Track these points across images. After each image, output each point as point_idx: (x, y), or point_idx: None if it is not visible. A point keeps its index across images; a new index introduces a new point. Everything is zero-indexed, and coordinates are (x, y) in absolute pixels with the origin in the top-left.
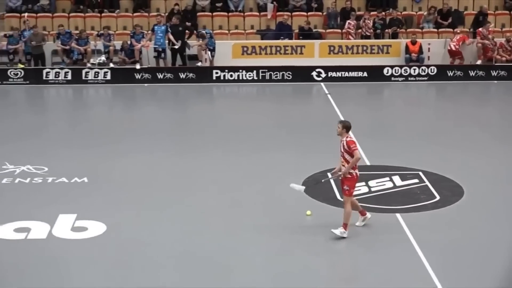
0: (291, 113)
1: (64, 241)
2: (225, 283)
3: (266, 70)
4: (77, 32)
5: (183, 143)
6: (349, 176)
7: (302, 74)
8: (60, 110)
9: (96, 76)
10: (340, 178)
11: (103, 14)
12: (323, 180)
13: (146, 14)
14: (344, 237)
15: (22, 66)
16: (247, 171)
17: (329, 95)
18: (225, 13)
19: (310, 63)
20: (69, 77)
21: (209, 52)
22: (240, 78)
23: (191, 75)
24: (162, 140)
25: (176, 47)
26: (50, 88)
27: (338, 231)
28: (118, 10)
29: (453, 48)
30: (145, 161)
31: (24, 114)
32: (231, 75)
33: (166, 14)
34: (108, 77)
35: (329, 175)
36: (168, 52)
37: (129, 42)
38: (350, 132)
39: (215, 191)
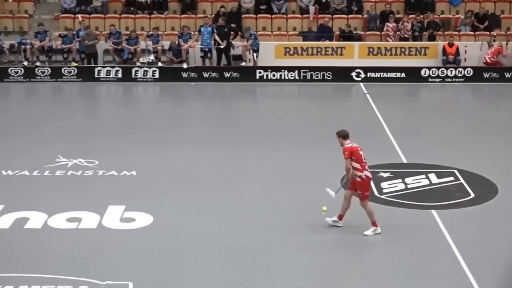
0: (330, 112)
1: (113, 231)
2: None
3: (307, 70)
4: (128, 32)
5: (226, 138)
6: (359, 179)
7: (342, 74)
8: (110, 107)
9: (145, 74)
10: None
11: (152, 16)
12: (337, 191)
13: (193, 15)
14: (378, 233)
15: (76, 64)
16: (286, 168)
17: (367, 95)
18: (269, 15)
19: (350, 64)
20: (120, 75)
21: (253, 53)
22: (282, 77)
23: (235, 74)
24: (206, 135)
25: (222, 47)
26: (101, 86)
27: (370, 231)
28: (166, 12)
29: (488, 61)
30: (190, 155)
31: (76, 110)
32: (274, 75)
33: (213, 15)
34: (157, 75)
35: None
36: (214, 52)
37: (176, 42)
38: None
39: (254, 186)
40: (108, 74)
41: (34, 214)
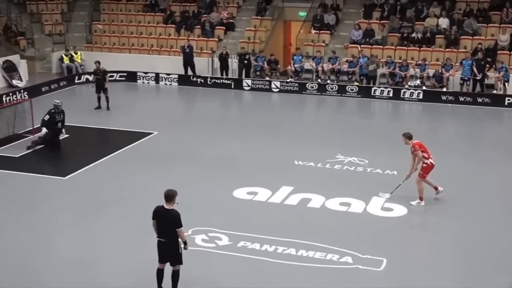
0: None
1: (375, 217)
2: None
3: None
4: (400, 61)
5: (468, 152)
6: (425, 165)
7: None
8: (378, 118)
9: (411, 95)
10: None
11: (421, 49)
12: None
13: (455, 50)
14: (422, 205)
15: (357, 84)
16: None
17: None
18: None
19: None
20: (391, 94)
21: (504, 83)
22: None
23: (487, 100)
24: (455, 147)
25: (478, 78)
26: (375, 102)
27: (415, 202)
28: (433, 46)
29: None
30: (442, 161)
31: (354, 119)
32: None
33: (472, 50)
34: (421, 96)
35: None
36: (471, 81)
37: (440, 71)
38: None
39: (488, 190)
40: (381, 93)
41: (315, 196)
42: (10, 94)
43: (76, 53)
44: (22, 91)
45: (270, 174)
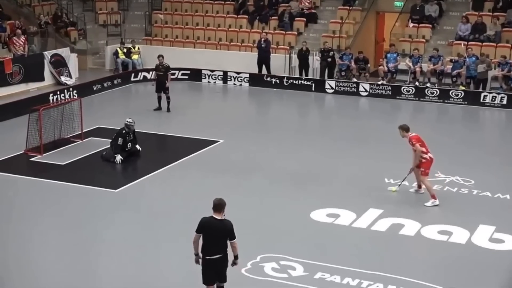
0: None
1: (481, 249)
2: None
3: None
4: None
5: None
6: (424, 160)
7: None
8: (489, 130)
9: None
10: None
11: None
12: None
13: None
14: (436, 205)
15: (463, 88)
16: None
17: None
18: None
19: None
20: (505, 101)
21: None
22: None
23: None
24: None
25: None
26: (485, 110)
27: (430, 203)
28: None
29: None
30: None
31: (459, 130)
32: None
33: None
34: None
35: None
36: None
37: None
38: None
39: None
40: (493, 99)
41: (409, 222)
42: (58, 92)
43: (134, 47)
44: (71, 89)
45: (355, 194)
